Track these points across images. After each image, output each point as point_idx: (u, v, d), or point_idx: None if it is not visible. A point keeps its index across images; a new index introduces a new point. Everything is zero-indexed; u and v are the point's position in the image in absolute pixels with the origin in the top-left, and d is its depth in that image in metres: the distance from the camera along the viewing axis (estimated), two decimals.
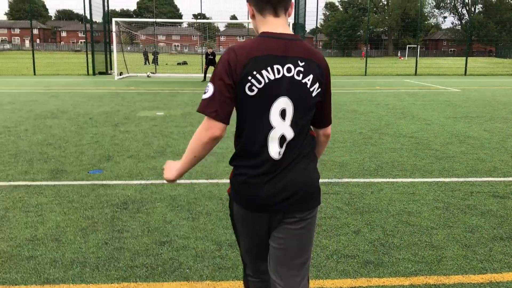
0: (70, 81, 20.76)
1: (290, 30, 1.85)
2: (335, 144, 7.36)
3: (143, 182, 5.30)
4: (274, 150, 1.82)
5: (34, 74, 24.72)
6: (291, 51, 1.80)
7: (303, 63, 1.80)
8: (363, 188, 5.14)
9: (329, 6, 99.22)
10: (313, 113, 1.90)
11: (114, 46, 23.06)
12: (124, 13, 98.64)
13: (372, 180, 5.45)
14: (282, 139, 1.82)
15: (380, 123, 9.57)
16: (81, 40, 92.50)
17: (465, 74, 28.36)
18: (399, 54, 71.45)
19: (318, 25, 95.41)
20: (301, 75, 1.80)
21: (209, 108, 1.78)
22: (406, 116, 10.58)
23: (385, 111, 11.42)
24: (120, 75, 23.17)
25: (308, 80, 1.81)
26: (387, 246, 3.62)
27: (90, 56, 25.18)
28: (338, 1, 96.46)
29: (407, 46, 71.20)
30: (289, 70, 1.79)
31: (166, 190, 4.97)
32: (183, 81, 21.59)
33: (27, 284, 3.02)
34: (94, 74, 25.01)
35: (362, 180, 5.45)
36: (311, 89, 1.82)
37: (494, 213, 4.38)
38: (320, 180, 5.42)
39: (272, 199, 1.85)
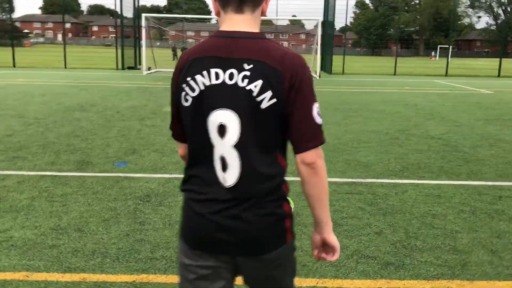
0: (100, 75, 21.13)
1: (256, 29, 1.52)
2: (360, 144, 7.27)
3: (166, 175, 5.34)
4: (218, 173, 1.50)
5: (65, 68, 25.27)
6: (237, 51, 1.45)
7: (250, 66, 1.43)
8: (387, 189, 5.06)
9: (360, 4, 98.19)
10: (275, 132, 1.48)
11: (143, 41, 23.35)
12: (154, 9, 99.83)
13: (396, 181, 5.35)
14: (223, 162, 1.49)
15: (407, 123, 9.40)
16: (111, 35, 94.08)
17: (498, 76, 27.61)
18: (432, 54, 69.72)
19: (348, 23, 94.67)
20: (246, 80, 1.43)
21: (171, 127, 1.66)
22: (434, 117, 10.36)
23: (414, 111, 11.21)
24: (149, 70, 23.45)
25: (255, 87, 1.42)
26: (409, 248, 3.55)
27: (119, 50, 25.56)
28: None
29: (439, 46, 69.80)
30: (231, 76, 1.44)
31: None
32: None
33: (49, 271, 3.07)
34: (123, 68, 25.38)
35: (386, 180, 5.36)
36: (258, 99, 1.42)
37: None
38: (344, 180, 5.42)
39: (215, 238, 1.52)
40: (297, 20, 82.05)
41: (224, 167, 1.49)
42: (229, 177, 1.49)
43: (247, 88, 1.43)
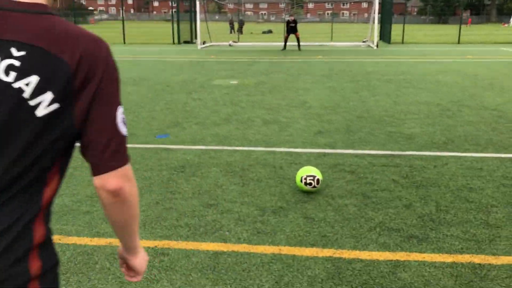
0: (156, 50, 21.62)
1: (43, 0, 1.05)
2: (407, 116, 7.03)
3: (203, 147, 5.45)
4: None
5: (124, 43, 26.08)
6: (4, 30, 0.99)
7: (21, 53, 0.99)
8: (426, 161, 4.88)
9: None
10: (50, 149, 1.02)
11: (197, 15, 23.54)
12: None
13: (438, 153, 5.15)
14: None
15: (462, 94, 8.95)
16: (173, 10, 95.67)
17: None
18: None
19: None
20: (13, 74, 0.98)
21: None
22: (494, 87, 9.78)
23: (472, 82, 10.64)
24: (203, 44, 23.69)
25: (26, 85, 0.98)
26: (437, 222, 3.44)
27: (176, 25, 25.97)
28: None
29: None
30: None
31: (224, 156, 5.08)
32: (263, 50, 21.60)
33: (79, 236, 3.27)
34: (179, 43, 25.81)
35: (427, 153, 5.17)
36: (31, 103, 0.99)
37: None
38: (382, 152, 5.30)
39: None
40: None
41: None
42: None
43: (15, 86, 0.98)
